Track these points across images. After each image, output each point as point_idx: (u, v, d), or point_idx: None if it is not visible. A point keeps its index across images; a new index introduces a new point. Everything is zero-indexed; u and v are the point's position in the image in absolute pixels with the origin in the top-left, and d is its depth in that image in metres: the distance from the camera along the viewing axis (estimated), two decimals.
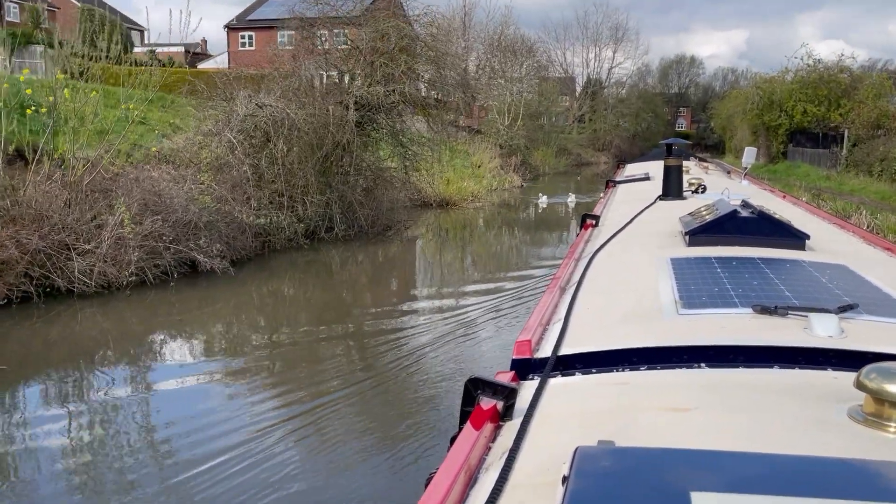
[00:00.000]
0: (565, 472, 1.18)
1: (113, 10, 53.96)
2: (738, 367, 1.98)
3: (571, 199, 28.20)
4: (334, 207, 16.11)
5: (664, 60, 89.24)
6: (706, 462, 1.19)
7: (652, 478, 1.14)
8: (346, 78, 17.31)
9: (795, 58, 45.92)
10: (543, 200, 28.21)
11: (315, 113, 15.28)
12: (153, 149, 15.86)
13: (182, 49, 57.36)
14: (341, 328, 10.74)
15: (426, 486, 1.36)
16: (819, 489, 1.08)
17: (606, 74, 75.64)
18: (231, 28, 52.18)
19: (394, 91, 16.59)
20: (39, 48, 33.34)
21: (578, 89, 73.92)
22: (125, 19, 60.80)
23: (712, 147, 65.85)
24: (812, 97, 43.46)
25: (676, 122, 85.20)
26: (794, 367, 1.95)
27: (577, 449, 1.22)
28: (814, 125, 43.38)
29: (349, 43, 18.17)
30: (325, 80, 17.37)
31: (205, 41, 65.01)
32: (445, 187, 26.21)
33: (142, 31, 65.89)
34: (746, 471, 1.14)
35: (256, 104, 15.11)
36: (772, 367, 1.96)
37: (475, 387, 1.80)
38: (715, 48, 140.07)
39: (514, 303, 11.81)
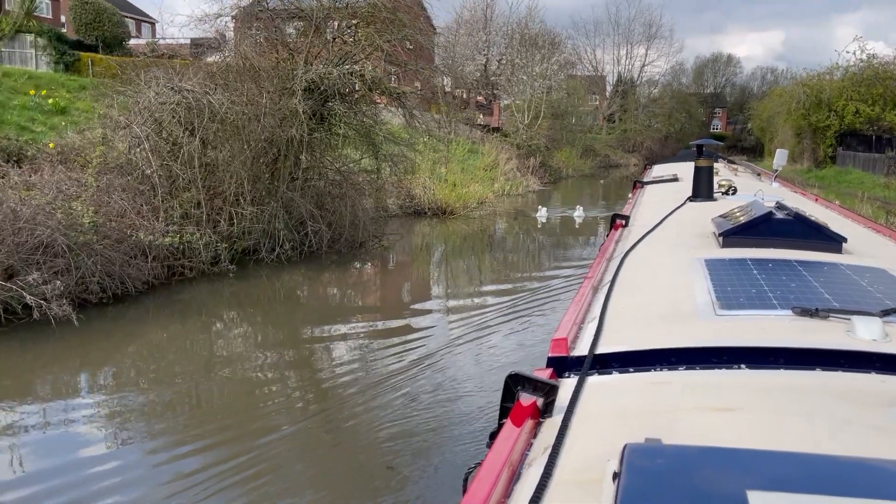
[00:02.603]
0: (615, 468, 1.17)
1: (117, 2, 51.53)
2: (779, 368, 1.92)
3: (578, 213, 23.63)
4: (277, 221, 12.57)
5: (699, 59, 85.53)
6: (760, 461, 1.16)
7: (707, 475, 1.12)
8: (300, 59, 13.72)
9: (847, 52, 41.76)
10: (543, 213, 23.53)
11: (247, 101, 11.78)
12: (50, 144, 12.56)
13: (188, 41, 54.96)
14: (253, 404, 7.33)
15: (464, 481, 1.44)
16: (879, 491, 1.05)
17: (638, 73, 72.11)
18: (237, 18, 49.54)
19: (352, 74, 13.01)
20: (29, 37, 31.00)
21: (609, 88, 70.15)
22: (132, 9, 58.50)
23: (749, 150, 62.49)
24: (865, 96, 39.42)
25: (711, 124, 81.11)
26: (836, 370, 1.88)
27: (626, 446, 1.21)
28: (866, 127, 39.15)
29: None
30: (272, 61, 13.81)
31: (223, 35, 62.55)
32: (449, 192, 22.66)
33: (153, 24, 63.72)
34: (803, 471, 1.12)
35: (171, 88, 11.65)
36: (814, 369, 1.90)
37: (515, 383, 1.74)
38: (750, 49, 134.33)
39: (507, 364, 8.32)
